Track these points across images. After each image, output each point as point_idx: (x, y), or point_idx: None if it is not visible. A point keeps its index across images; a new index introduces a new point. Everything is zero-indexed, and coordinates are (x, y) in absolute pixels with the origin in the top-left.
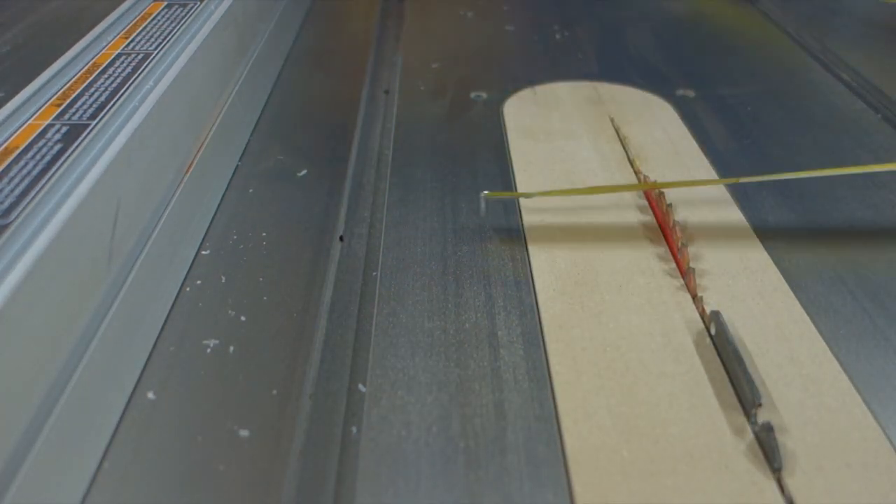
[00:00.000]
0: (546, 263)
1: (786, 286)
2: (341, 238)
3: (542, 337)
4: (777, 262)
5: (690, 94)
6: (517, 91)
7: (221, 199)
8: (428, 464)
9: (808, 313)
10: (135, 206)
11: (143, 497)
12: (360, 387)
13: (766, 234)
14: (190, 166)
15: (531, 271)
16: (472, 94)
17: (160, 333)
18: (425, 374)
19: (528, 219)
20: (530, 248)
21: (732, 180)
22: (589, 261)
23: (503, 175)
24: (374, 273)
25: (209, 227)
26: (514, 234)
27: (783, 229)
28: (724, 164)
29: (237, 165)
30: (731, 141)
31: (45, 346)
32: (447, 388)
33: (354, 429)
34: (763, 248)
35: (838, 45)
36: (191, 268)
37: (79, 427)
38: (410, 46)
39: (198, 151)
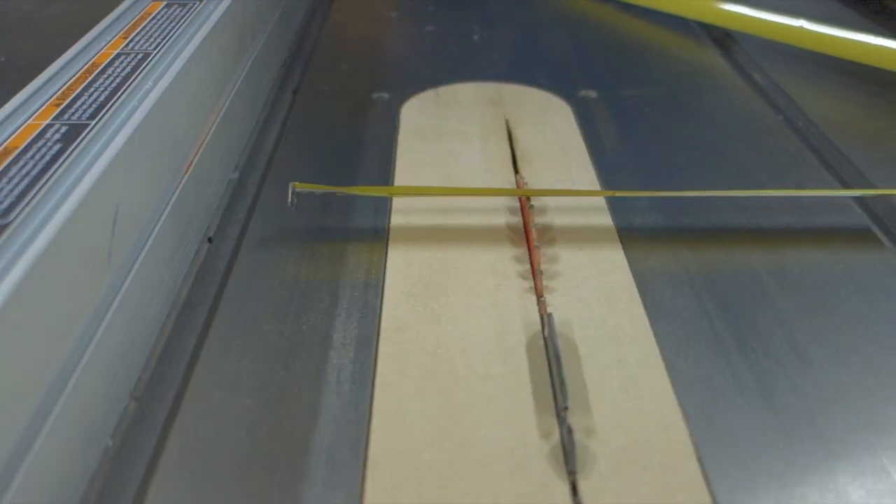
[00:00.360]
0: (401, 265)
1: (634, 289)
2: (209, 240)
3: (377, 339)
4: (633, 264)
5: (592, 94)
6: (421, 92)
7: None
8: (226, 467)
9: (650, 316)
10: (134, 206)
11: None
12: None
13: (630, 235)
14: (189, 166)
15: (384, 273)
16: (374, 95)
17: None
18: (249, 378)
19: (395, 220)
20: (390, 249)
21: (608, 193)
22: (445, 262)
23: (383, 175)
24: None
25: None
26: (379, 235)
27: (648, 230)
28: (607, 166)
29: None
30: (620, 142)
31: (45, 346)
32: (267, 392)
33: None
34: (622, 250)
35: (750, 45)
36: None
37: (79, 427)
38: (327, 46)
39: (197, 151)
